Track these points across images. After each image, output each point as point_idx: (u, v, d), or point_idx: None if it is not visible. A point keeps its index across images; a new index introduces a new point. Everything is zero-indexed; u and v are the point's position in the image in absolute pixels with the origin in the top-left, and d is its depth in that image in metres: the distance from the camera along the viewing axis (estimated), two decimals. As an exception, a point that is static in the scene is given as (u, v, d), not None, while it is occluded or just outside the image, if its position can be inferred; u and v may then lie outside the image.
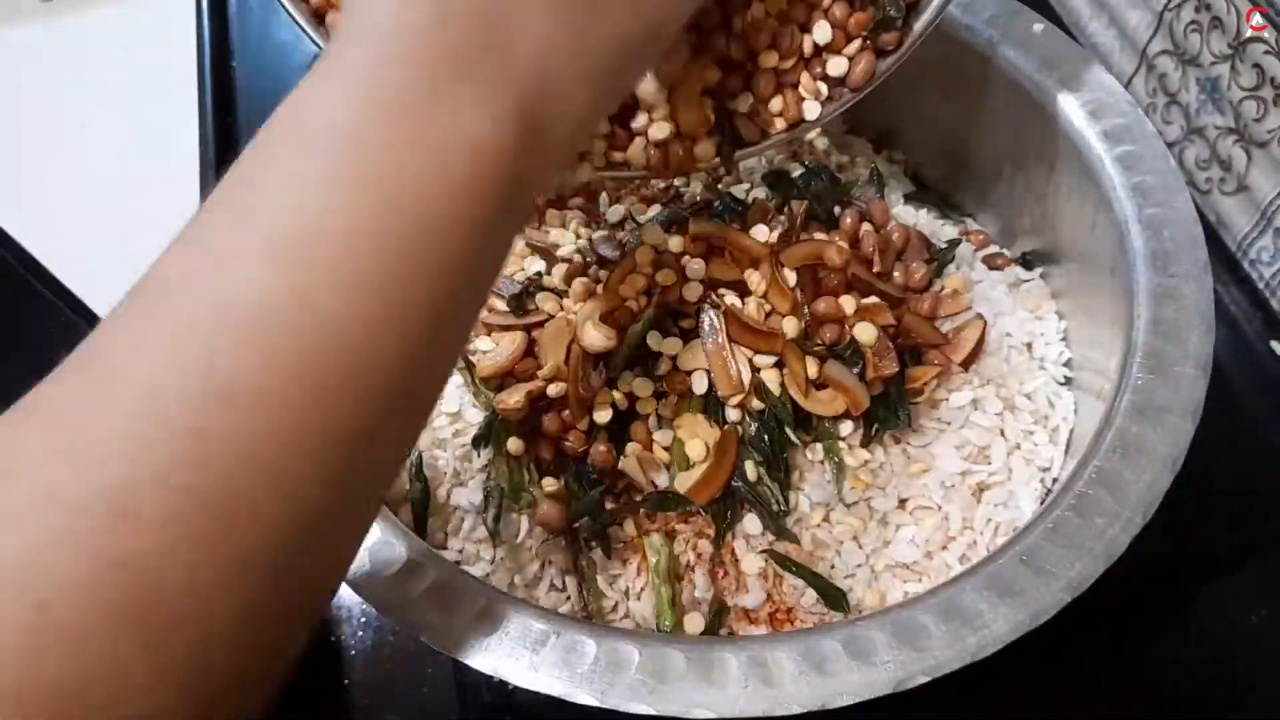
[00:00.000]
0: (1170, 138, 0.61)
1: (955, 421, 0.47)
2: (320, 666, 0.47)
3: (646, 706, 0.34)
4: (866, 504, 0.45)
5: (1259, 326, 0.57)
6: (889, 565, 0.44)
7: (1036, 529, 0.38)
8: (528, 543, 0.45)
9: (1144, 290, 0.44)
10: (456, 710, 0.45)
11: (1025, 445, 0.47)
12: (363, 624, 0.48)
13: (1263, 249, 0.57)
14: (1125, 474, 0.39)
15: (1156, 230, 0.45)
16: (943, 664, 0.35)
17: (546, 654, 0.35)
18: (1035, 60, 0.50)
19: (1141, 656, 0.47)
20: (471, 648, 0.36)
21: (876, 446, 0.46)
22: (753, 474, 0.44)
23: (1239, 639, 0.47)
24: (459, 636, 0.36)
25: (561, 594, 0.45)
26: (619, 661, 0.35)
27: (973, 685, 0.35)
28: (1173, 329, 0.42)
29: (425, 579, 0.37)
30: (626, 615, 0.44)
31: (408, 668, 0.47)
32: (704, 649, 0.36)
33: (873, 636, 0.36)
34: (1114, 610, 0.46)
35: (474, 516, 0.45)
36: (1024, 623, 0.35)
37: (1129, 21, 0.63)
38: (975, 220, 0.59)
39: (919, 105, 0.57)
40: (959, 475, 0.46)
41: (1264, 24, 0.52)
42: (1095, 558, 0.37)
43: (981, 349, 0.49)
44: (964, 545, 0.45)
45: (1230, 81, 0.55)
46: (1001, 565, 0.37)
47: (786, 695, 0.34)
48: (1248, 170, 0.56)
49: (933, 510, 0.45)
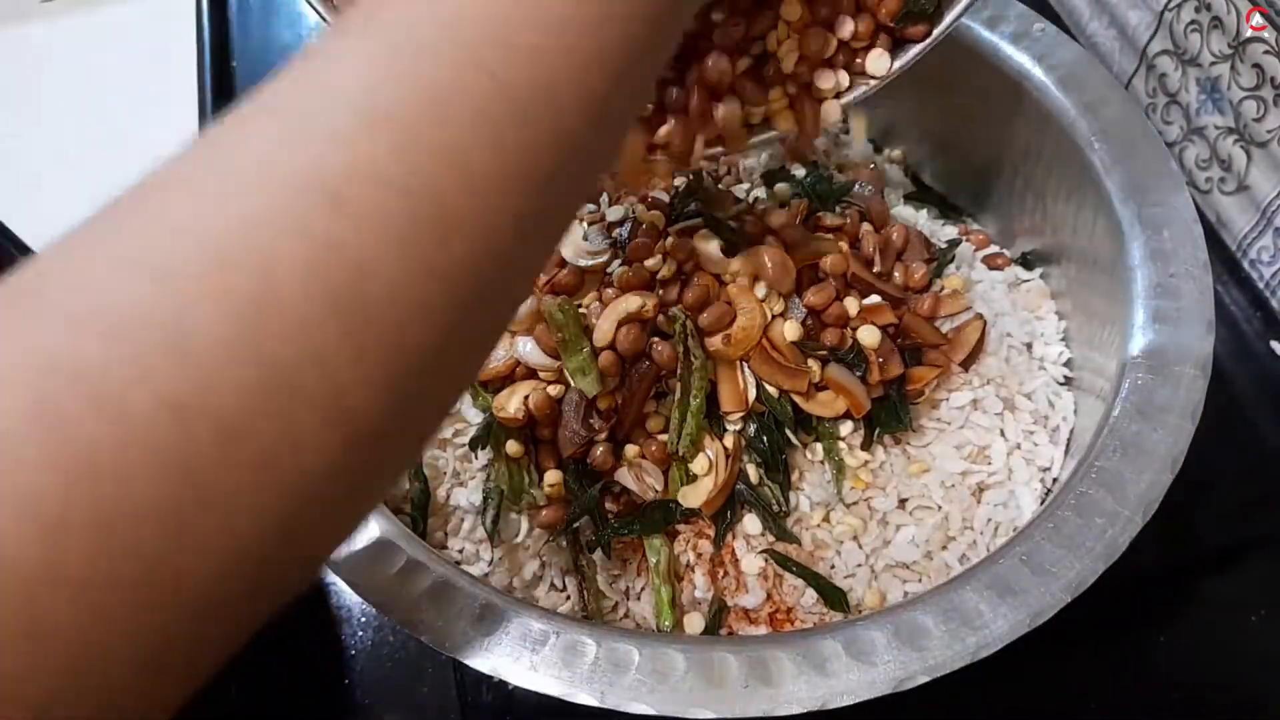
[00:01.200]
0: (1170, 138, 0.61)
1: (955, 421, 0.47)
2: (320, 666, 0.47)
3: (646, 706, 0.34)
4: (866, 504, 0.45)
5: (1259, 326, 0.57)
6: (889, 565, 0.44)
7: (1036, 529, 0.38)
8: (527, 543, 0.45)
9: (1144, 290, 0.44)
10: (456, 710, 0.45)
11: (1025, 445, 0.47)
12: (363, 624, 0.48)
13: (1263, 249, 0.57)
14: (1125, 474, 0.39)
15: (1156, 230, 0.45)
16: (943, 664, 0.35)
17: (546, 654, 0.35)
18: (1035, 60, 0.50)
19: (1141, 656, 0.47)
20: (471, 648, 0.36)
21: (876, 446, 0.46)
22: (754, 475, 0.44)
23: (1239, 639, 0.47)
24: (459, 636, 0.36)
25: (561, 594, 0.45)
26: (619, 661, 0.35)
27: (973, 685, 0.35)
28: (1172, 329, 0.42)
29: (425, 579, 0.37)
30: (626, 615, 0.44)
31: (408, 668, 0.47)
32: (704, 649, 0.36)
33: (873, 636, 0.36)
34: (1113, 610, 0.46)
35: (474, 516, 0.45)
36: (1024, 623, 0.35)
37: (1129, 21, 0.63)
38: (975, 220, 0.59)
39: (919, 105, 0.57)
40: (959, 475, 0.46)
41: (1264, 24, 0.52)
42: (1095, 558, 0.37)
43: (981, 349, 0.49)
44: (964, 545, 0.45)
45: (1230, 81, 0.55)
46: (1001, 565, 0.37)
47: (786, 695, 0.34)
48: (1248, 170, 0.56)
49: (933, 510, 0.45)
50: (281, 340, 0.18)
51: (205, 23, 0.74)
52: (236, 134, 0.21)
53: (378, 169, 0.19)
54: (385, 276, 0.19)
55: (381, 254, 0.19)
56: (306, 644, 0.48)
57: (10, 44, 0.97)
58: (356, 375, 0.19)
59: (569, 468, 0.45)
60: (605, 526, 0.44)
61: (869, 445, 0.46)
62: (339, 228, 0.19)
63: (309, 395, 0.18)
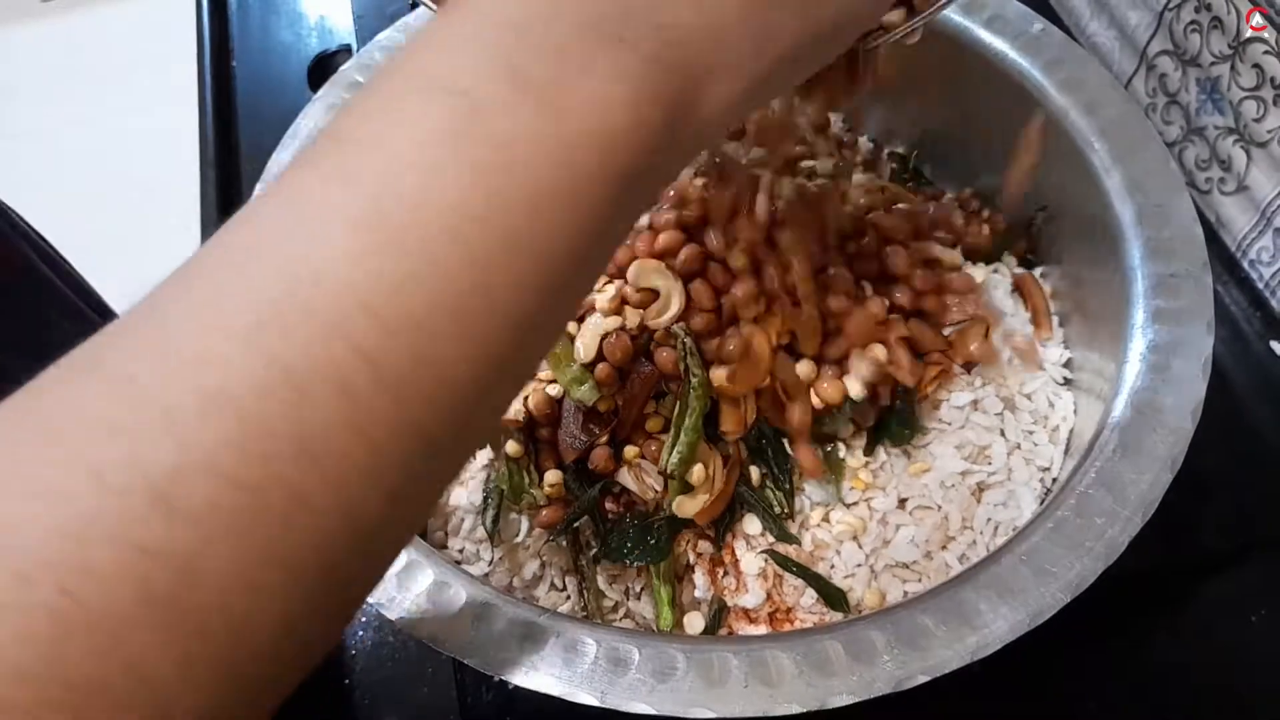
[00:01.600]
0: (1170, 138, 0.61)
1: (955, 422, 0.47)
2: (320, 666, 0.47)
3: (646, 706, 0.34)
4: (866, 504, 0.45)
5: (1259, 326, 0.57)
6: (889, 565, 0.44)
7: (1036, 529, 0.38)
8: (527, 543, 0.45)
9: (1144, 290, 0.44)
10: (456, 710, 0.45)
11: (1025, 445, 0.47)
12: (363, 624, 0.48)
13: (1262, 249, 0.57)
14: (1125, 474, 0.39)
15: (1156, 230, 0.45)
16: (942, 664, 0.35)
17: (546, 654, 0.35)
18: (1035, 60, 0.50)
19: (1141, 656, 0.47)
20: (471, 648, 0.36)
21: (877, 447, 0.46)
22: (755, 478, 0.44)
23: (1239, 639, 0.47)
24: (459, 637, 0.36)
25: (561, 594, 0.45)
26: (619, 661, 0.35)
27: (973, 685, 0.35)
28: (1172, 329, 0.42)
29: (425, 579, 0.37)
30: (626, 615, 0.44)
31: (408, 668, 0.47)
32: (704, 649, 0.36)
33: (873, 636, 0.36)
34: (1113, 610, 0.46)
35: (474, 516, 0.45)
36: (1023, 623, 0.35)
37: (1129, 21, 0.63)
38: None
39: (919, 105, 0.57)
40: (959, 475, 0.46)
41: (1264, 24, 0.52)
42: (1095, 558, 0.37)
43: (985, 351, 0.48)
44: (964, 545, 0.45)
45: (1230, 81, 0.55)
46: (1001, 565, 0.37)
47: (786, 695, 0.34)
48: (1247, 170, 0.56)
49: (933, 510, 0.45)
50: (88, 654, 0.17)
51: (205, 23, 0.74)
52: (57, 400, 0.19)
53: (211, 461, 0.18)
54: (213, 579, 0.18)
55: (211, 552, 0.18)
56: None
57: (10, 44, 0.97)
58: (184, 678, 0.18)
59: (569, 469, 0.45)
60: (607, 545, 0.44)
61: (871, 450, 0.46)
62: (161, 530, 0.17)
63: (128, 703, 0.17)
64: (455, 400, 0.20)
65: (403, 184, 0.20)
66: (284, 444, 0.18)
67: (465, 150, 0.20)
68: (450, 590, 0.37)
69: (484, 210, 0.20)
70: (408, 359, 0.19)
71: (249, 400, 0.18)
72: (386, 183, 0.20)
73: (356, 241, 0.19)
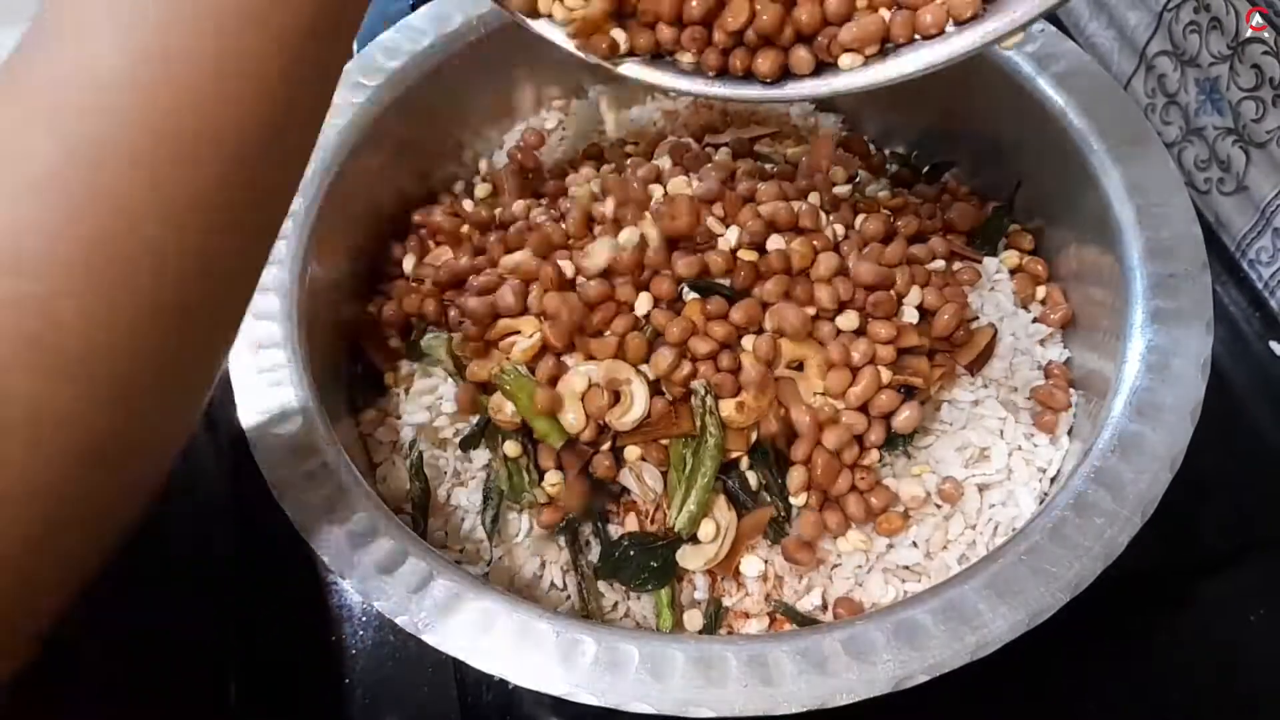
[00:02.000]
0: (1169, 138, 0.61)
1: (956, 422, 0.47)
2: (320, 666, 0.47)
3: (646, 706, 0.34)
4: (866, 504, 0.45)
5: (1258, 326, 0.57)
6: (889, 566, 0.44)
7: (1036, 529, 0.38)
8: (527, 543, 0.45)
9: (1143, 290, 0.44)
10: (456, 710, 0.45)
11: (1025, 446, 0.47)
12: (363, 624, 0.48)
13: (1261, 249, 0.57)
14: (1125, 474, 0.39)
15: (1156, 230, 0.45)
16: (942, 663, 0.35)
17: (547, 653, 0.35)
18: (1035, 60, 0.50)
19: (1141, 656, 0.47)
20: (471, 647, 0.36)
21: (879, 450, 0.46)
22: (754, 482, 0.44)
23: (1239, 639, 0.47)
24: (459, 636, 0.36)
25: (561, 594, 0.45)
26: (619, 661, 0.35)
27: (973, 685, 0.35)
28: (1172, 329, 0.42)
29: (425, 578, 0.37)
30: (626, 615, 0.44)
31: (408, 668, 0.47)
32: (704, 648, 0.36)
33: (873, 636, 0.36)
34: (1112, 610, 0.46)
35: (474, 516, 0.45)
36: (1023, 623, 0.36)
37: (1128, 22, 0.63)
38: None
39: (917, 106, 0.57)
40: (959, 476, 0.46)
41: (1263, 24, 0.52)
42: (1094, 558, 0.37)
43: (990, 354, 0.48)
44: (964, 545, 0.45)
45: (1229, 82, 0.55)
46: (1001, 565, 0.37)
47: (786, 695, 0.34)
48: (1247, 170, 0.56)
49: (933, 511, 0.45)
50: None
51: (205, 23, 0.74)
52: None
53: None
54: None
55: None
56: (306, 644, 0.48)
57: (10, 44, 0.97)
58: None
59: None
60: (608, 563, 0.43)
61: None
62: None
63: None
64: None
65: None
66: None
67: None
68: (450, 590, 0.37)
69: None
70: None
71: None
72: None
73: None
